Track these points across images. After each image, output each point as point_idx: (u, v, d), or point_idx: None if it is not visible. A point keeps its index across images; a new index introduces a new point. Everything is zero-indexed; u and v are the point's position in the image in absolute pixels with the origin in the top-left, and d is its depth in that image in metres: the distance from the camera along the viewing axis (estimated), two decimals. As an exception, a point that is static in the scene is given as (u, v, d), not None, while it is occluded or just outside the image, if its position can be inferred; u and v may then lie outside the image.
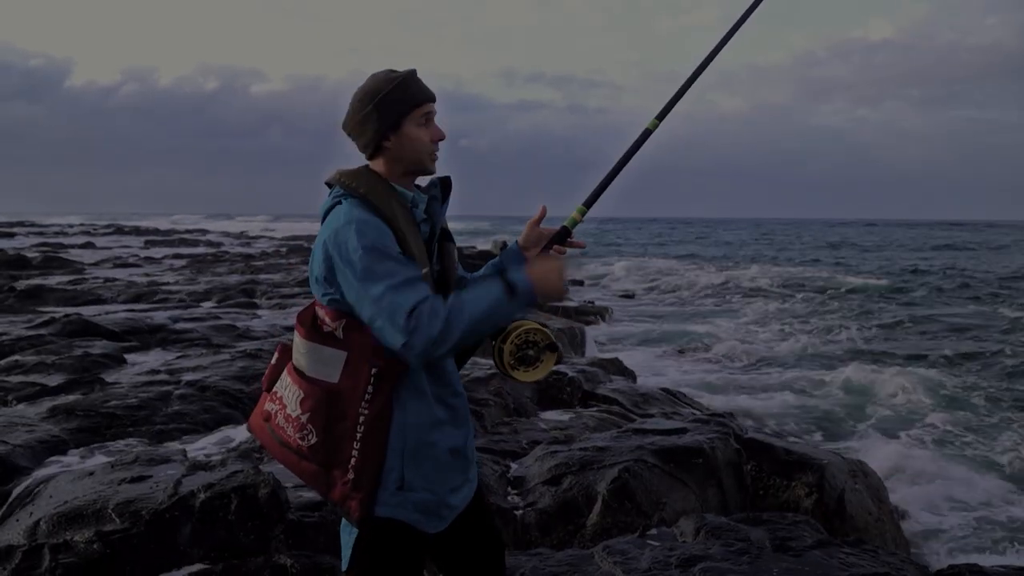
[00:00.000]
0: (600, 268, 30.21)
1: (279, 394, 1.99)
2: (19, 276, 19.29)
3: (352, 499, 1.90)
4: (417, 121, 2.00)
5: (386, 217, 1.91)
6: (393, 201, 1.95)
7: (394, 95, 1.98)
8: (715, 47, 2.37)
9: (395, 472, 1.92)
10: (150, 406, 6.00)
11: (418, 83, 2.02)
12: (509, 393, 6.50)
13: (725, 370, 11.84)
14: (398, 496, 1.93)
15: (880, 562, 3.46)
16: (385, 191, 1.96)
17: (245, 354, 7.94)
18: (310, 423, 1.90)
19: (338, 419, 1.88)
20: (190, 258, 28.10)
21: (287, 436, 1.95)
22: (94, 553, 3.39)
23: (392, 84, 1.98)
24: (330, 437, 1.89)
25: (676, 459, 4.77)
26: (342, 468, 1.89)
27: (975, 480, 6.55)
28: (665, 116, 2.25)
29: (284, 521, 3.71)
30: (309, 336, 1.94)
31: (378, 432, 1.89)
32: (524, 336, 2.07)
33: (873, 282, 25.24)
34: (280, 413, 1.97)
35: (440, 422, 1.99)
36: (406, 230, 1.93)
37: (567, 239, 2.20)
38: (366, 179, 1.98)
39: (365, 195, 1.93)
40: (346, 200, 1.94)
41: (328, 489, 1.93)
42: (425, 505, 1.97)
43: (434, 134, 2.03)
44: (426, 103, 2.01)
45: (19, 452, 4.91)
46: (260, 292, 15.57)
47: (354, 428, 1.87)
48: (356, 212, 1.90)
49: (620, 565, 3.46)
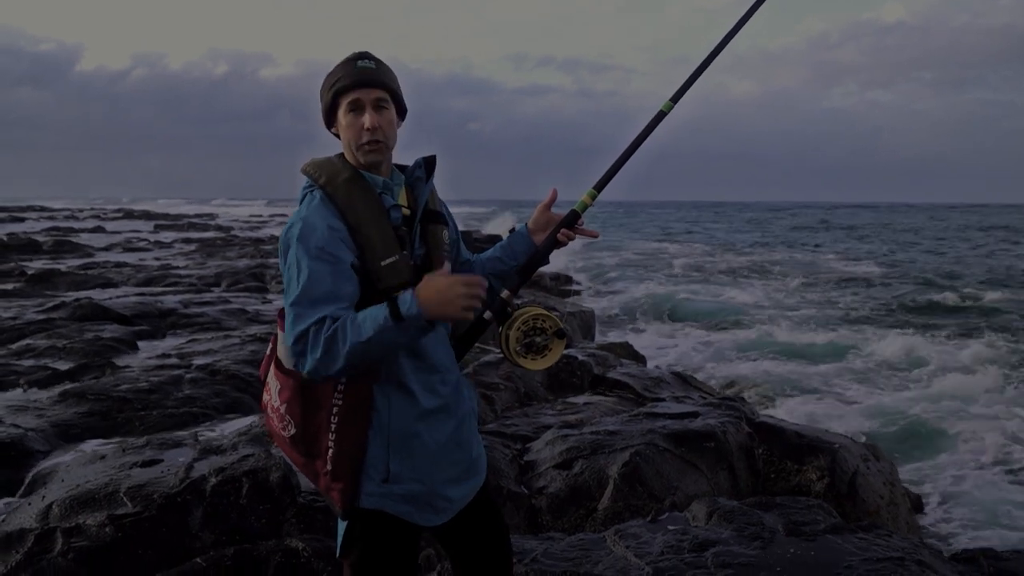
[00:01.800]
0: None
1: (268, 385, 2.00)
2: (30, 260, 19.38)
3: (332, 490, 1.89)
4: (345, 108, 1.93)
5: (341, 210, 1.87)
6: (355, 190, 1.90)
7: (327, 83, 1.95)
8: (732, 28, 2.29)
9: (380, 463, 1.90)
10: (161, 390, 6.02)
11: (352, 68, 1.93)
12: (519, 377, 6.48)
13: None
14: (384, 488, 1.91)
15: (894, 546, 3.43)
16: (347, 180, 1.92)
17: (255, 338, 7.96)
18: (288, 414, 1.90)
19: (313, 410, 1.88)
20: (199, 242, 28.16)
21: (275, 426, 1.96)
22: (106, 537, 3.40)
23: (331, 72, 1.96)
24: (307, 428, 1.88)
25: (688, 443, 4.75)
26: (322, 459, 1.88)
27: (988, 463, 6.52)
28: (680, 98, 2.17)
29: (295, 505, 3.72)
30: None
31: (353, 423, 1.87)
32: (531, 322, 2.03)
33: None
34: (270, 404, 1.98)
35: (427, 412, 1.95)
36: (366, 220, 1.88)
37: (576, 223, 2.16)
38: (328, 168, 1.95)
39: (324, 186, 1.91)
40: (310, 193, 1.93)
41: (314, 478, 1.94)
42: (414, 497, 1.94)
43: (365, 122, 1.91)
44: (354, 89, 1.91)
45: (31, 436, 4.93)
46: (270, 276, 15.59)
47: (328, 419, 1.86)
48: (307, 211, 1.88)
49: (632, 549, 3.44)
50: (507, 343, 2.03)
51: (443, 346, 2.03)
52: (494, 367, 6.48)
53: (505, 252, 2.19)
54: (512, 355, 2.04)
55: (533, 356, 2.05)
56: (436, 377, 1.98)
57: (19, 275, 15.30)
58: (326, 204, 1.89)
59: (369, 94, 1.92)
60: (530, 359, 2.05)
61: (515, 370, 6.52)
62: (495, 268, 2.19)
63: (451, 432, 2.01)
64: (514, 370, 6.52)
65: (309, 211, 1.88)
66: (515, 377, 6.45)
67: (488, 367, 6.45)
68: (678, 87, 2.18)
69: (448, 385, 2.02)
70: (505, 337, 2.03)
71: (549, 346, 2.06)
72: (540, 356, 2.06)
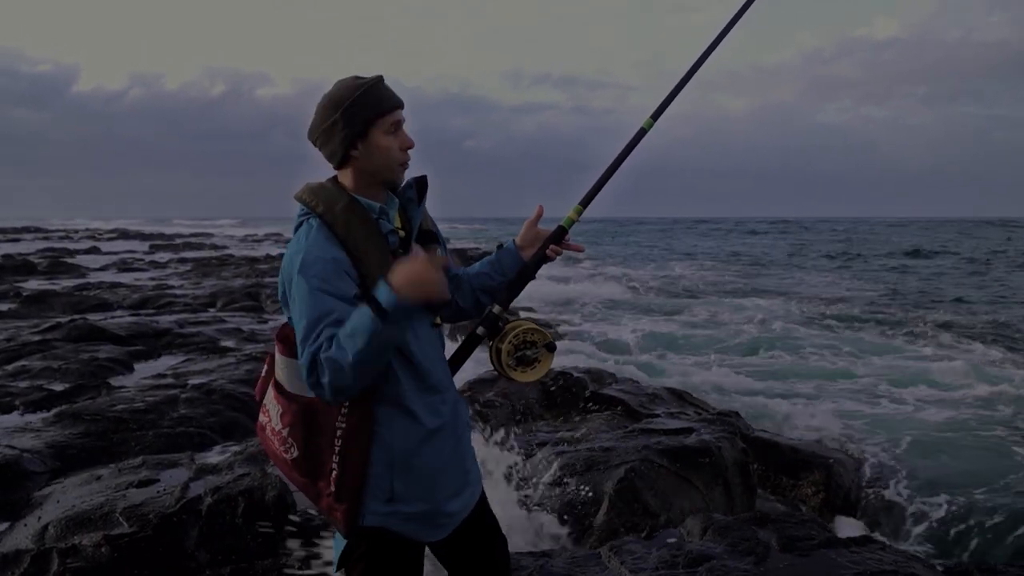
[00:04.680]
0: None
1: (267, 407, 2.00)
2: (25, 281, 19.37)
3: (336, 511, 1.90)
4: (385, 129, 1.94)
5: (340, 239, 1.88)
6: (353, 218, 1.91)
7: (361, 102, 1.92)
8: (709, 45, 2.36)
9: (384, 483, 1.91)
10: (157, 410, 6.02)
11: (385, 89, 1.96)
12: (515, 395, 6.50)
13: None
14: (388, 507, 1.92)
15: (887, 560, 3.45)
16: (344, 208, 1.91)
17: (251, 357, 7.97)
18: (291, 437, 1.90)
19: (316, 434, 1.88)
20: (195, 262, 28.15)
21: (275, 448, 1.96)
22: (102, 557, 3.40)
23: (358, 91, 1.92)
24: (310, 451, 1.89)
25: (683, 459, 4.77)
26: (325, 480, 1.89)
27: (984, 475, 6.53)
28: (660, 115, 2.25)
29: (291, 524, 3.72)
30: (286, 352, 1.93)
31: (357, 445, 1.88)
32: (522, 336, 2.07)
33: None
34: (268, 426, 1.98)
35: (429, 432, 1.96)
36: (366, 247, 1.89)
37: (563, 239, 2.20)
38: (325, 195, 1.94)
39: (322, 215, 1.90)
40: (307, 221, 1.92)
41: (316, 499, 1.94)
42: (418, 516, 1.96)
43: (403, 142, 1.97)
44: (394, 110, 1.95)
45: (27, 457, 4.93)
46: (265, 296, 15.59)
47: (332, 442, 1.87)
48: (307, 242, 1.87)
49: (627, 565, 3.46)
50: (499, 356, 2.07)
51: (441, 364, 2.06)
52: (489, 384, 6.50)
53: (493, 268, 2.21)
54: (504, 368, 2.08)
55: (524, 368, 2.10)
56: (437, 398, 2.00)
57: (14, 296, 15.29)
58: (325, 234, 1.88)
59: (402, 114, 1.98)
60: (520, 371, 2.09)
61: (511, 388, 6.54)
62: (483, 283, 2.20)
63: (451, 451, 2.04)
64: (510, 387, 6.54)
65: (309, 242, 1.87)
66: (511, 394, 6.47)
67: (483, 384, 6.47)
68: (658, 104, 2.25)
69: (448, 404, 2.04)
70: (497, 351, 2.08)
71: (539, 358, 2.10)
72: (530, 368, 2.10)
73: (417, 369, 1.94)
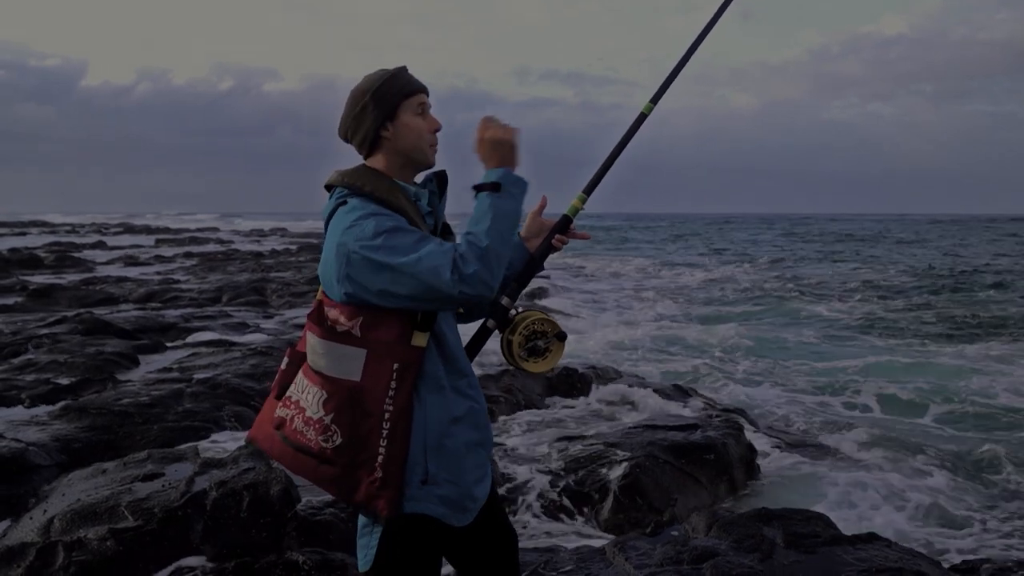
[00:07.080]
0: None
1: (294, 398, 1.94)
2: (32, 275, 19.44)
3: (380, 498, 1.86)
4: (413, 110, 2.00)
5: (396, 208, 1.91)
6: (400, 196, 1.94)
7: (388, 85, 2.00)
8: (706, 25, 2.41)
9: (419, 466, 1.90)
10: (162, 404, 6.03)
11: (410, 76, 2.05)
12: (519, 390, 6.50)
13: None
14: (423, 490, 1.91)
15: (893, 556, 3.44)
16: (388, 186, 1.95)
17: (256, 352, 7.97)
18: (335, 423, 1.86)
19: (363, 417, 1.86)
20: (201, 256, 28.21)
21: (306, 440, 1.89)
22: (107, 550, 3.41)
23: (385, 77, 2.01)
24: (356, 436, 1.86)
25: (687, 455, 4.76)
26: (368, 467, 1.86)
27: (989, 476, 6.51)
28: (659, 99, 2.28)
29: (296, 518, 3.73)
30: (326, 336, 1.90)
31: (403, 427, 1.87)
32: (532, 327, 2.09)
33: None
34: (298, 417, 1.92)
35: (459, 414, 1.98)
36: (417, 222, 1.93)
37: (568, 227, 2.21)
38: (369, 176, 1.96)
39: (372, 192, 1.92)
40: (351, 199, 1.92)
41: (351, 491, 1.89)
42: (450, 498, 1.95)
43: (431, 124, 2.04)
44: (420, 92, 2.03)
45: (33, 451, 4.94)
46: (271, 291, 15.62)
47: (380, 425, 1.85)
48: (368, 206, 1.88)
49: (631, 561, 3.45)
50: (510, 348, 2.08)
51: (463, 351, 2.07)
52: (494, 380, 6.50)
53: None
54: (516, 360, 2.09)
55: (535, 359, 2.11)
56: (464, 381, 2.02)
57: (21, 290, 15.35)
58: (381, 204, 1.90)
59: (428, 99, 2.06)
60: (532, 362, 2.11)
61: (514, 382, 6.54)
62: None
63: (479, 433, 2.05)
64: (513, 382, 6.54)
65: (371, 206, 1.89)
66: (515, 389, 6.47)
67: (488, 380, 6.47)
68: (657, 88, 2.29)
69: (474, 388, 2.05)
70: (508, 342, 2.09)
71: (550, 348, 2.12)
72: (542, 358, 2.12)
73: (448, 352, 1.96)
